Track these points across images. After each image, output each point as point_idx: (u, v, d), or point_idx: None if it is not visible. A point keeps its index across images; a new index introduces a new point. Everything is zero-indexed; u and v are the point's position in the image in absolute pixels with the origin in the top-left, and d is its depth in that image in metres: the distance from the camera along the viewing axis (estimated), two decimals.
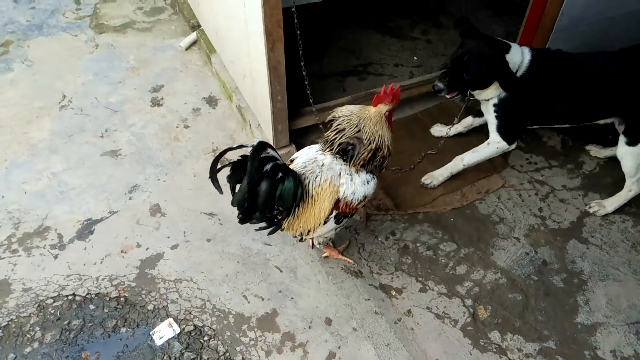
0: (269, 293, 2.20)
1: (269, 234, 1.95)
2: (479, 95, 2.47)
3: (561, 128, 2.93)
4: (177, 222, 2.40)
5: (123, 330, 2.02)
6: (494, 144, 2.52)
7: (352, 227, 2.47)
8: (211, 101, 3.02)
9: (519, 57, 2.33)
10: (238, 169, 1.79)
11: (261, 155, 1.78)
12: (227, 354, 1.99)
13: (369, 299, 2.19)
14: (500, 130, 2.49)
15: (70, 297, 2.10)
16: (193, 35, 3.32)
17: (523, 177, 2.71)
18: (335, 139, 1.95)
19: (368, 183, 1.98)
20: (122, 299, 2.11)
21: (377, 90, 2.83)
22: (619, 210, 2.56)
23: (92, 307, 2.08)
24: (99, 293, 2.11)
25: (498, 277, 2.29)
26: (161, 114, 2.91)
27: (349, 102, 2.81)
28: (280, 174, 1.83)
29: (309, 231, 1.99)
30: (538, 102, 2.42)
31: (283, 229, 1.97)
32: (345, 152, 1.95)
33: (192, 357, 1.97)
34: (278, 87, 2.40)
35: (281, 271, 2.27)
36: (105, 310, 2.07)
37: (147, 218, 2.41)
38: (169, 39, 3.38)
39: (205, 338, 2.03)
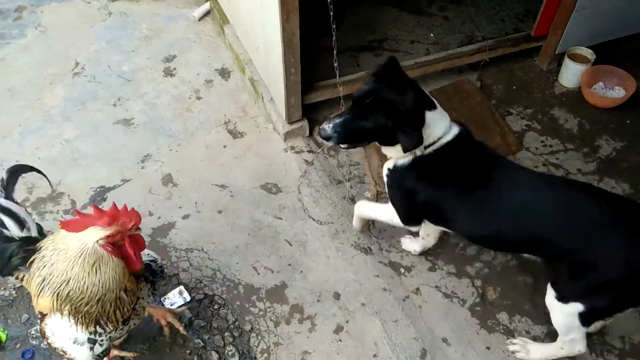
0: (279, 266, 2.21)
1: None
2: (384, 149, 1.88)
3: None
4: (189, 193, 2.41)
5: None
6: (390, 214, 2.02)
7: None
8: (224, 73, 3.00)
9: (442, 126, 1.77)
10: None
11: None
12: (237, 323, 2.02)
13: (377, 276, 2.19)
14: (393, 203, 1.99)
15: None
16: (206, 6, 3.28)
17: (538, 159, 2.68)
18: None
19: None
20: None
21: None
22: None
23: None
24: None
25: (508, 259, 2.28)
26: (174, 84, 2.90)
27: (363, 77, 2.78)
28: None
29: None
30: (439, 196, 1.85)
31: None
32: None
33: (202, 324, 2.00)
34: (292, 60, 2.37)
35: (291, 245, 2.28)
36: None
37: (159, 187, 2.42)
38: (182, 9, 3.34)
39: (216, 307, 2.05)
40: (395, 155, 1.84)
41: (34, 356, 1.88)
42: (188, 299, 2.05)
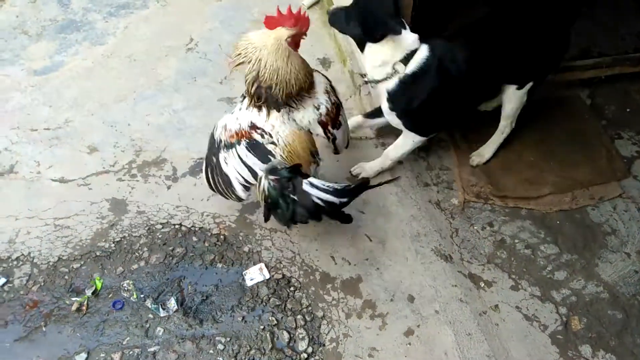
0: (356, 259, 2.23)
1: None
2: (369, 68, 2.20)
3: None
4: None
5: (219, 265, 2.15)
6: (409, 138, 2.33)
7: (448, 210, 2.42)
8: (325, 62, 3.04)
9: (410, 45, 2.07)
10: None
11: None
12: (310, 308, 2.07)
13: (455, 285, 2.15)
14: (405, 125, 2.30)
15: (177, 226, 2.26)
16: None
17: None
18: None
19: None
20: (221, 236, 2.24)
21: None
22: None
23: (194, 239, 2.23)
24: (202, 227, 2.26)
25: (600, 291, 2.15)
26: None
27: None
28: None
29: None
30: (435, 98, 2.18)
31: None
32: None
33: (277, 303, 2.07)
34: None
35: (371, 240, 2.29)
36: (206, 244, 2.21)
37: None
38: None
39: (292, 289, 2.11)
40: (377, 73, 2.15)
41: (123, 307, 2.04)
42: (267, 276, 2.13)
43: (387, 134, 2.65)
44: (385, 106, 2.24)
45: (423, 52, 2.08)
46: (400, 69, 2.09)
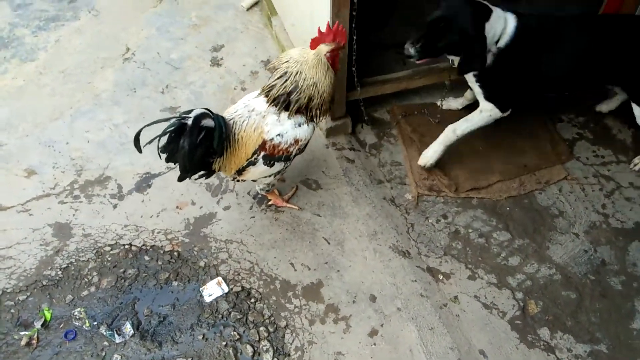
0: (316, 263, 2.21)
1: (206, 178, 2.03)
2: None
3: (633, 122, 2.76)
4: (231, 184, 2.43)
5: (175, 283, 2.08)
6: (487, 112, 2.37)
7: (402, 206, 2.43)
8: (269, 64, 2.99)
9: (500, 24, 2.11)
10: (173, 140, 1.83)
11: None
12: (272, 318, 2.03)
13: (415, 281, 2.17)
14: (490, 98, 2.33)
15: (126, 247, 2.17)
16: None
17: (588, 170, 2.58)
18: (274, 85, 1.94)
19: (300, 126, 1.97)
20: (175, 253, 2.17)
21: (440, 67, 2.77)
22: None
23: (146, 258, 2.15)
24: (154, 245, 2.18)
25: (552, 273, 2.21)
26: (220, 75, 2.91)
27: (408, 76, 2.73)
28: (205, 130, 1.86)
29: (240, 171, 2.03)
30: (527, 70, 2.27)
31: (215, 170, 2.01)
32: (280, 101, 1.95)
33: (238, 316, 2.02)
34: (340, 55, 2.33)
35: (329, 243, 2.28)
36: (159, 263, 2.13)
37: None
38: None
39: (252, 300, 2.07)
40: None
41: (76, 337, 1.95)
42: (226, 290, 2.08)
43: (338, 134, 2.64)
44: (475, 83, 2.30)
45: (511, 23, 2.12)
46: (492, 48, 2.14)
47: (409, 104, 2.84)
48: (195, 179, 2.05)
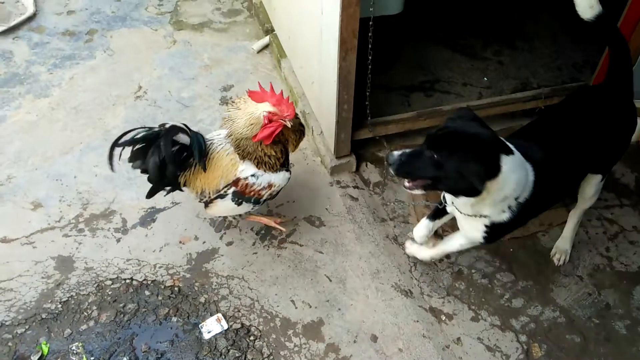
0: (317, 301, 2.19)
1: (168, 193, 2.09)
2: (461, 204, 1.79)
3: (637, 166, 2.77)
4: (234, 220, 2.44)
5: (174, 319, 2.07)
6: (469, 239, 1.97)
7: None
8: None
9: (522, 177, 1.67)
10: (141, 151, 1.94)
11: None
12: (271, 357, 2.00)
13: (417, 321, 2.14)
14: (489, 240, 1.90)
15: (127, 281, 2.17)
16: (266, 39, 3.39)
17: (591, 213, 2.57)
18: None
19: (277, 172, 2.03)
20: (176, 288, 2.16)
21: (444, 108, 2.83)
22: None
23: (147, 292, 2.14)
24: (155, 280, 2.18)
25: (557, 316, 2.18)
26: None
27: (413, 117, 2.79)
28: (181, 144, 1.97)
29: (206, 196, 2.07)
30: (537, 208, 1.91)
31: (180, 183, 2.05)
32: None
33: (237, 355, 1.99)
34: (346, 96, 2.40)
35: (330, 281, 2.26)
36: (160, 298, 2.13)
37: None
38: (242, 41, 3.46)
39: (252, 338, 2.05)
40: (489, 211, 1.74)
41: None
42: (225, 327, 2.06)
43: (342, 172, 2.68)
44: (476, 235, 1.88)
45: (531, 176, 1.71)
46: (511, 203, 1.73)
47: (412, 144, 2.88)
48: (164, 195, 2.11)
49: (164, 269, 2.22)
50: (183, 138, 1.96)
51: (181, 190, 2.10)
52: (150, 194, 2.07)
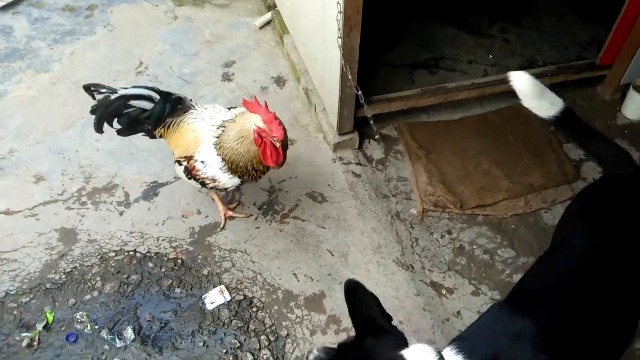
0: (319, 274, 2.20)
1: (151, 137, 2.16)
2: None
3: None
4: (237, 195, 2.45)
5: (177, 290, 2.09)
6: None
7: (407, 221, 2.43)
8: (279, 81, 3.05)
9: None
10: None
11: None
12: (273, 328, 2.02)
13: (418, 295, 2.15)
14: None
15: (131, 253, 2.18)
16: (268, 15, 3.36)
17: None
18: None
19: (223, 173, 2.03)
20: (179, 260, 2.17)
21: (448, 86, 2.81)
22: None
23: (150, 264, 2.15)
24: (158, 252, 2.19)
25: None
26: (230, 89, 2.97)
27: (417, 95, 2.77)
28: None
29: (173, 156, 2.14)
30: None
31: (155, 137, 2.15)
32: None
33: (239, 325, 2.01)
34: (349, 73, 2.38)
35: (332, 255, 2.27)
36: (163, 270, 2.14)
37: None
38: (244, 17, 3.43)
39: (254, 309, 2.06)
40: None
41: (77, 340, 1.94)
42: (228, 298, 2.07)
43: (345, 148, 2.67)
44: None
45: None
46: None
47: (416, 121, 2.87)
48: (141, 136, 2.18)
49: (166, 242, 2.23)
50: (145, 104, 2.03)
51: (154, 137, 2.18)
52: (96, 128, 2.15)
